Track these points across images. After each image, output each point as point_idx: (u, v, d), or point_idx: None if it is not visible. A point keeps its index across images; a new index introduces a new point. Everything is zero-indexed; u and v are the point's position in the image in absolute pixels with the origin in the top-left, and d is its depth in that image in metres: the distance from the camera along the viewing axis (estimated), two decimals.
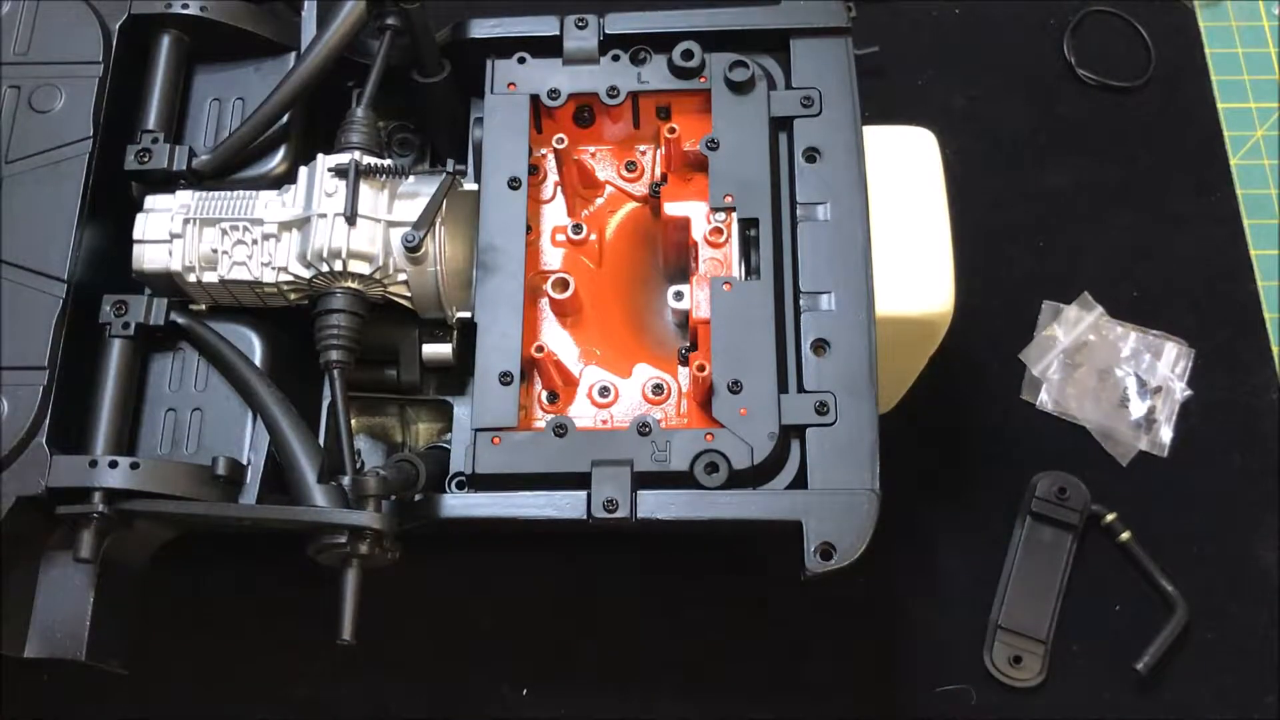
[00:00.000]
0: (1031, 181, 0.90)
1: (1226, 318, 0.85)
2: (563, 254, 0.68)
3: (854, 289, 0.62)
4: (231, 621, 0.77)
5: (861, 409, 0.59)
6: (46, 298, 0.61)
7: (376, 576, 0.59)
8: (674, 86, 0.67)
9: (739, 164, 0.65)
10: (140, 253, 0.63)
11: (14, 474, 0.58)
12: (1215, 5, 0.96)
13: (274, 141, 0.67)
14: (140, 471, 0.58)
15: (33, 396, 0.59)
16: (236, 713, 0.75)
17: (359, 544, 0.57)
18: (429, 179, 0.63)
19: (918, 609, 0.77)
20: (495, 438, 0.60)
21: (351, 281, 0.62)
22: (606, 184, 0.70)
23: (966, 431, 0.83)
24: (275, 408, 0.61)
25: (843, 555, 0.56)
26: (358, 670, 0.75)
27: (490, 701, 0.75)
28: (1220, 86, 0.93)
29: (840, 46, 0.67)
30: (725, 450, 0.59)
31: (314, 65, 0.65)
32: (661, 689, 0.75)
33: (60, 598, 0.60)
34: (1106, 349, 0.83)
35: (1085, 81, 0.93)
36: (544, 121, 0.68)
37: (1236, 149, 0.91)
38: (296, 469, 0.60)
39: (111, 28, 0.67)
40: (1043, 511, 0.78)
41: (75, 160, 0.64)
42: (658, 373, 0.65)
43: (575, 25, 0.68)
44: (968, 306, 0.65)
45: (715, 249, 0.64)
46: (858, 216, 0.63)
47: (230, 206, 0.64)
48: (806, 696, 0.75)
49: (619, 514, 0.58)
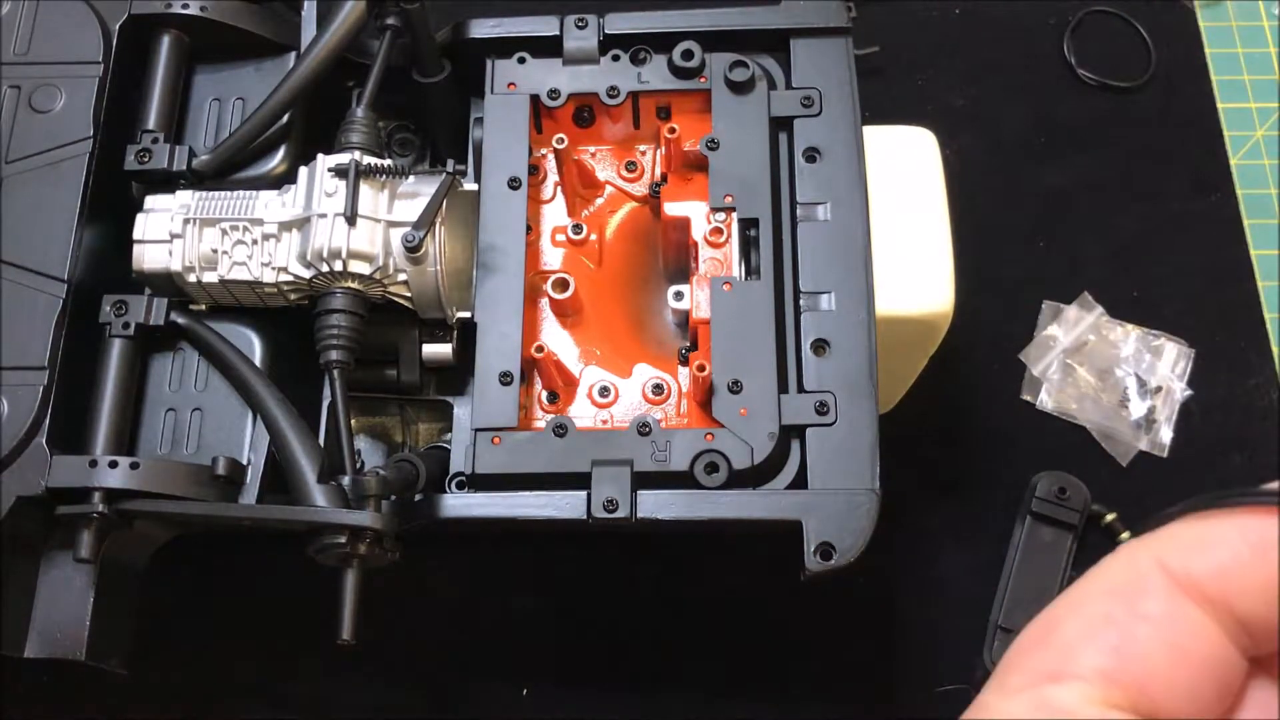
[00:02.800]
0: (1031, 181, 0.90)
1: (1226, 318, 0.85)
2: (563, 254, 0.68)
3: (854, 289, 0.62)
4: (231, 621, 0.77)
5: (861, 409, 0.59)
6: (46, 298, 0.61)
7: (376, 576, 0.59)
8: (674, 86, 0.67)
9: (739, 164, 0.65)
10: (140, 253, 0.63)
11: (14, 474, 0.58)
12: (1215, 5, 0.96)
13: (274, 141, 0.67)
14: (140, 471, 0.58)
15: (33, 396, 0.59)
16: (236, 712, 0.75)
17: (359, 544, 0.57)
18: (429, 179, 0.63)
19: (918, 609, 0.77)
20: (495, 438, 0.60)
21: (351, 281, 0.62)
22: (606, 184, 0.70)
23: (966, 431, 0.83)
24: (275, 408, 0.61)
25: (843, 555, 0.56)
26: (358, 670, 0.75)
27: (490, 701, 0.75)
28: (1220, 86, 0.93)
29: (840, 46, 0.67)
30: (725, 450, 0.59)
31: (314, 65, 0.65)
32: (662, 689, 0.76)
33: (60, 598, 0.60)
34: (1106, 349, 0.83)
35: (1085, 81, 0.93)
36: (544, 121, 0.68)
37: (1236, 149, 0.91)
38: (296, 469, 0.60)
39: (111, 28, 0.67)
40: (1043, 511, 0.78)
41: (75, 160, 0.64)
42: (658, 373, 0.65)
43: (575, 25, 0.68)
44: (968, 306, 0.65)
45: (715, 249, 0.64)
46: (858, 216, 0.63)
47: (230, 206, 0.63)
48: (807, 696, 0.75)
49: (619, 514, 0.58)
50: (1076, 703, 0.27)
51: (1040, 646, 0.28)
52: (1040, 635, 0.28)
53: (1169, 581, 0.28)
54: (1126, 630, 0.27)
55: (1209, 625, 0.27)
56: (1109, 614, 0.28)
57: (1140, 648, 0.27)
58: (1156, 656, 0.27)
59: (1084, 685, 0.27)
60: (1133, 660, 0.27)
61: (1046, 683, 0.27)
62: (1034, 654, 0.28)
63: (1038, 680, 0.27)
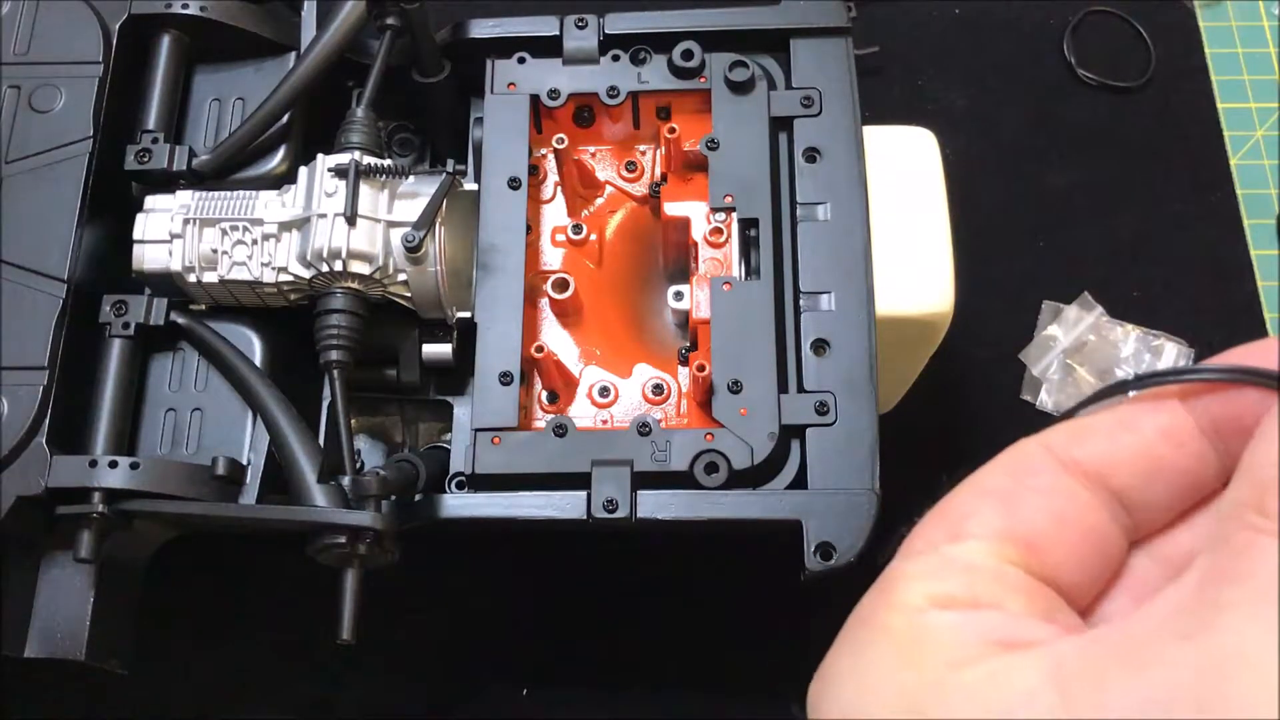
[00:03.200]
0: (1031, 181, 0.90)
1: (1226, 318, 0.85)
2: (563, 254, 0.68)
3: (854, 289, 0.62)
4: (231, 621, 0.77)
5: (861, 409, 0.59)
6: (46, 298, 0.61)
7: (376, 576, 0.59)
8: (674, 86, 0.67)
9: (739, 164, 0.65)
10: (140, 253, 0.63)
11: (14, 474, 0.58)
12: (1215, 5, 0.96)
13: (274, 141, 0.67)
14: (140, 471, 0.58)
15: (33, 396, 0.59)
16: (236, 713, 0.75)
17: (359, 544, 0.57)
18: (429, 179, 0.63)
19: None
20: (495, 438, 0.60)
21: (351, 281, 0.62)
22: (606, 184, 0.70)
23: (966, 431, 0.83)
24: (275, 408, 0.61)
25: (843, 555, 0.56)
26: (358, 670, 0.75)
27: (490, 701, 0.75)
28: (1220, 86, 0.93)
29: (840, 46, 0.67)
30: (725, 450, 0.59)
31: (314, 65, 0.65)
32: (661, 689, 0.76)
33: (60, 598, 0.60)
34: (1106, 349, 0.83)
35: (1085, 82, 0.93)
36: (544, 121, 0.68)
37: (1236, 149, 0.91)
38: (296, 469, 0.60)
39: (111, 28, 0.67)
40: None
41: (75, 160, 0.64)
42: (658, 373, 0.65)
43: (575, 25, 0.68)
44: (968, 306, 0.65)
45: (715, 249, 0.64)
46: (858, 216, 0.63)
47: (230, 206, 0.64)
48: (807, 696, 0.75)
49: (619, 514, 0.58)
50: (975, 557, 0.30)
51: (938, 518, 0.31)
52: (939, 511, 0.31)
53: (1055, 461, 0.31)
54: (1016, 498, 0.30)
55: (1091, 499, 0.30)
56: (1000, 487, 0.31)
57: (1029, 513, 0.30)
58: (1044, 521, 0.30)
59: (979, 542, 0.30)
60: (1022, 523, 0.30)
61: (946, 543, 0.30)
62: (933, 524, 0.31)
63: (938, 541, 0.30)
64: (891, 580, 0.30)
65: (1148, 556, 0.31)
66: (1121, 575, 0.31)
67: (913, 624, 0.29)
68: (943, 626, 0.28)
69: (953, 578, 0.29)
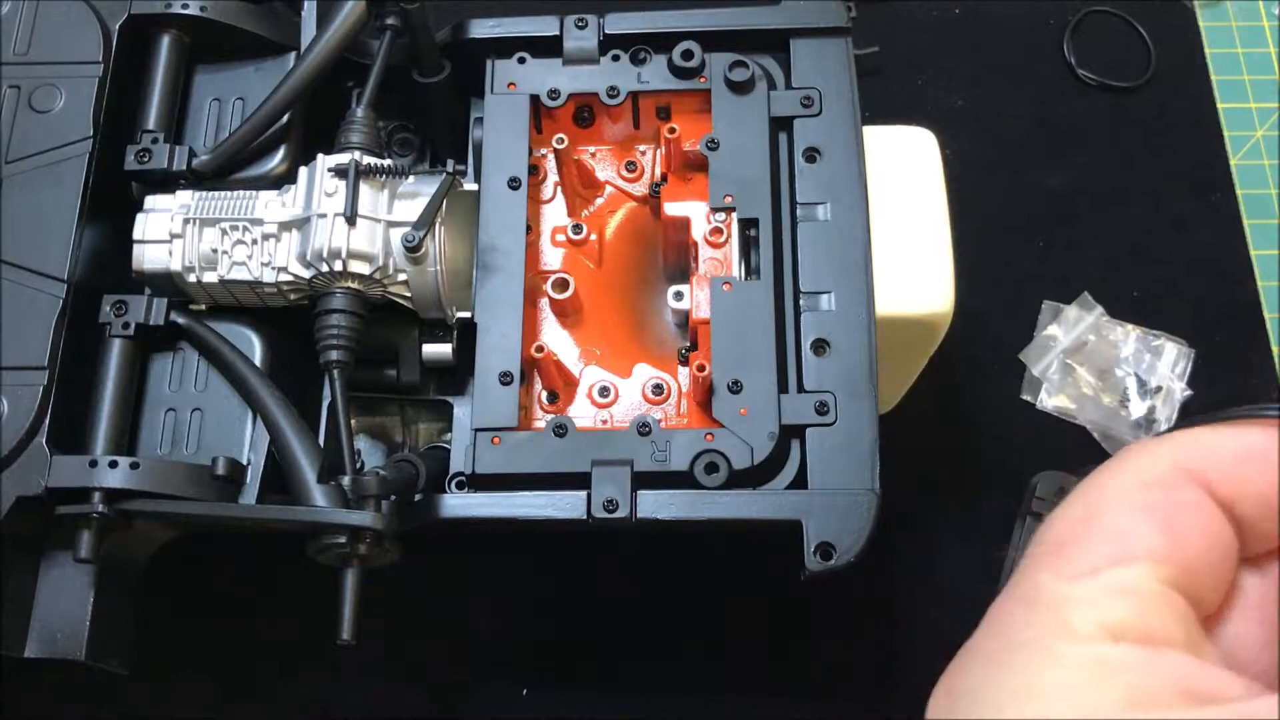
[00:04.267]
0: (1031, 181, 0.90)
1: (1226, 318, 0.85)
2: (563, 254, 0.68)
3: (854, 289, 0.62)
4: (231, 621, 0.77)
5: (861, 409, 0.59)
6: (46, 298, 0.61)
7: (376, 576, 0.59)
8: (674, 86, 0.67)
9: (739, 164, 0.65)
10: (140, 253, 0.63)
11: (14, 474, 0.58)
12: (1215, 5, 0.96)
13: (274, 141, 0.67)
14: (140, 471, 0.58)
15: (33, 396, 0.59)
16: (236, 713, 0.75)
17: (359, 544, 0.57)
18: (429, 179, 0.63)
19: (918, 609, 0.77)
20: (495, 438, 0.60)
21: (351, 281, 0.62)
22: (606, 184, 0.70)
23: (966, 431, 0.83)
24: (275, 408, 0.61)
25: (842, 555, 0.56)
26: (358, 670, 0.75)
27: (490, 701, 0.75)
28: (1220, 86, 0.93)
29: (840, 46, 0.67)
30: (725, 450, 0.59)
31: (314, 65, 0.65)
32: (661, 689, 0.75)
33: (60, 598, 0.60)
34: (1106, 349, 0.83)
35: (1085, 81, 0.93)
36: (544, 121, 0.68)
37: (1236, 149, 0.91)
38: (296, 469, 0.60)
39: (111, 28, 0.67)
40: (1043, 511, 0.77)
41: (75, 160, 0.64)
42: (658, 373, 0.65)
43: (575, 25, 0.68)
44: (968, 306, 0.65)
45: (715, 249, 0.64)
46: (858, 216, 0.63)
47: (230, 206, 0.64)
48: (806, 696, 0.75)
49: (619, 514, 0.58)
50: (1141, 581, 0.29)
51: (1091, 534, 0.30)
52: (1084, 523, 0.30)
53: (1191, 479, 0.30)
54: (1172, 516, 0.29)
55: (1224, 519, 0.30)
56: (1153, 502, 0.30)
57: (1185, 531, 0.29)
58: (1198, 541, 0.29)
59: (1145, 565, 0.29)
60: (1180, 541, 0.29)
61: (1110, 566, 0.29)
62: (1087, 541, 0.30)
63: (1101, 564, 0.29)
64: (1057, 603, 0.29)
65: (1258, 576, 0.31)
66: (1235, 595, 0.31)
67: (1093, 656, 0.28)
68: (1127, 665, 0.27)
69: (1122, 603, 0.28)
